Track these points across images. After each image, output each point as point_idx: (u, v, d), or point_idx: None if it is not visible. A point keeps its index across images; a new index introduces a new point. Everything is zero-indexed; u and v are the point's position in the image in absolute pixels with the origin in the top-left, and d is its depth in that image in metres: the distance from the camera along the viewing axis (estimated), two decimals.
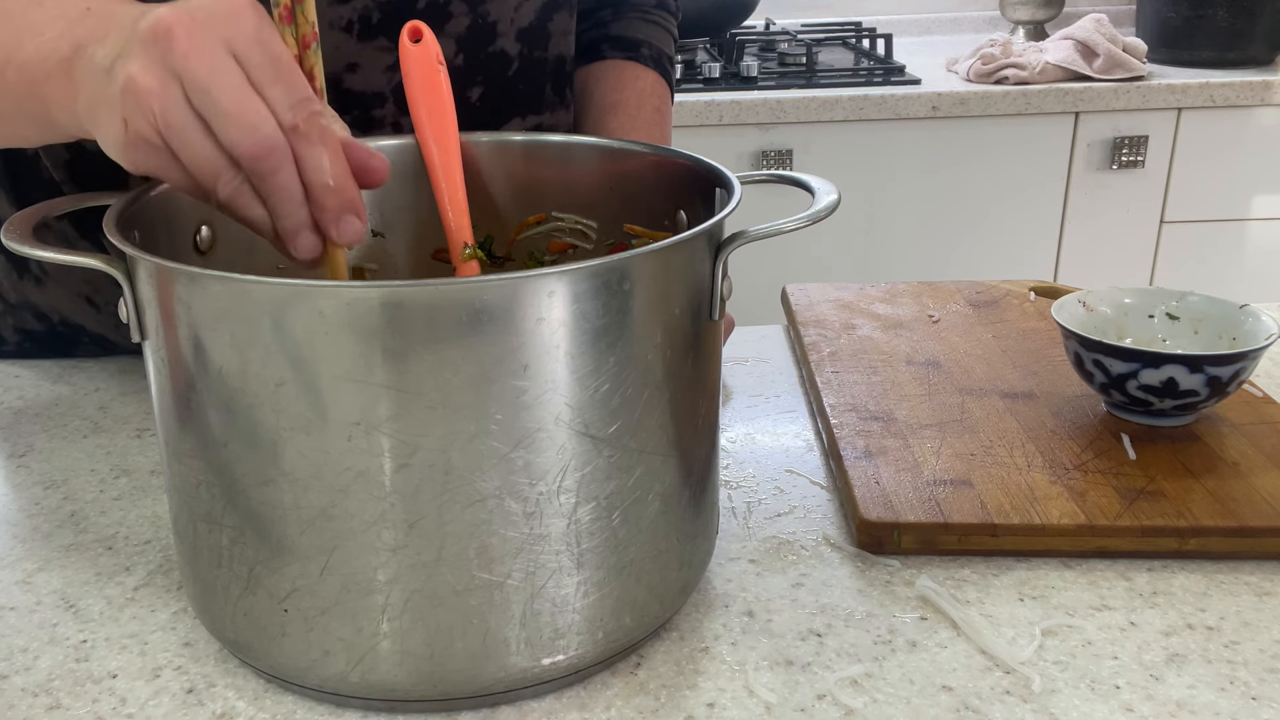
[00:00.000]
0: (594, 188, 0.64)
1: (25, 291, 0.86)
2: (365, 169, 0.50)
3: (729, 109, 1.92)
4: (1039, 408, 0.74)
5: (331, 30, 0.74)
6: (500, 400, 0.44)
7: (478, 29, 0.80)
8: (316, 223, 0.49)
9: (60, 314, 0.86)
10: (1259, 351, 0.68)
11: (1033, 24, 2.35)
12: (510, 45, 0.82)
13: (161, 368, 0.49)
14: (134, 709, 0.51)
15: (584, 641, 0.50)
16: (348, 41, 0.75)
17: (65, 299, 0.85)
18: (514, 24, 0.82)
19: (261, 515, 0.47)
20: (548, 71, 0.87)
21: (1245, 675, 0.52)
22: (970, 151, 1.99)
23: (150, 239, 0.53)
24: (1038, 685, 0.51)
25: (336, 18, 0.74)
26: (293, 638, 0.49)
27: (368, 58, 0.76)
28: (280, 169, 0.47)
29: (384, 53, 0.76)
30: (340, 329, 0.43)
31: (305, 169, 0.47)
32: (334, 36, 0.75)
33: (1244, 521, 0.60)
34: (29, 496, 0.70)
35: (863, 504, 0.63)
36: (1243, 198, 2.05)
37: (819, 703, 0.50)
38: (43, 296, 0.86)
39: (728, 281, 0.52)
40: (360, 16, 0.75)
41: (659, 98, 0.93)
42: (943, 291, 0.95)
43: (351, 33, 0.75)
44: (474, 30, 0.80)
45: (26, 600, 0.59)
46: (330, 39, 0.74)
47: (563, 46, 0.88)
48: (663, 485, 0.51)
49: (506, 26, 0.82)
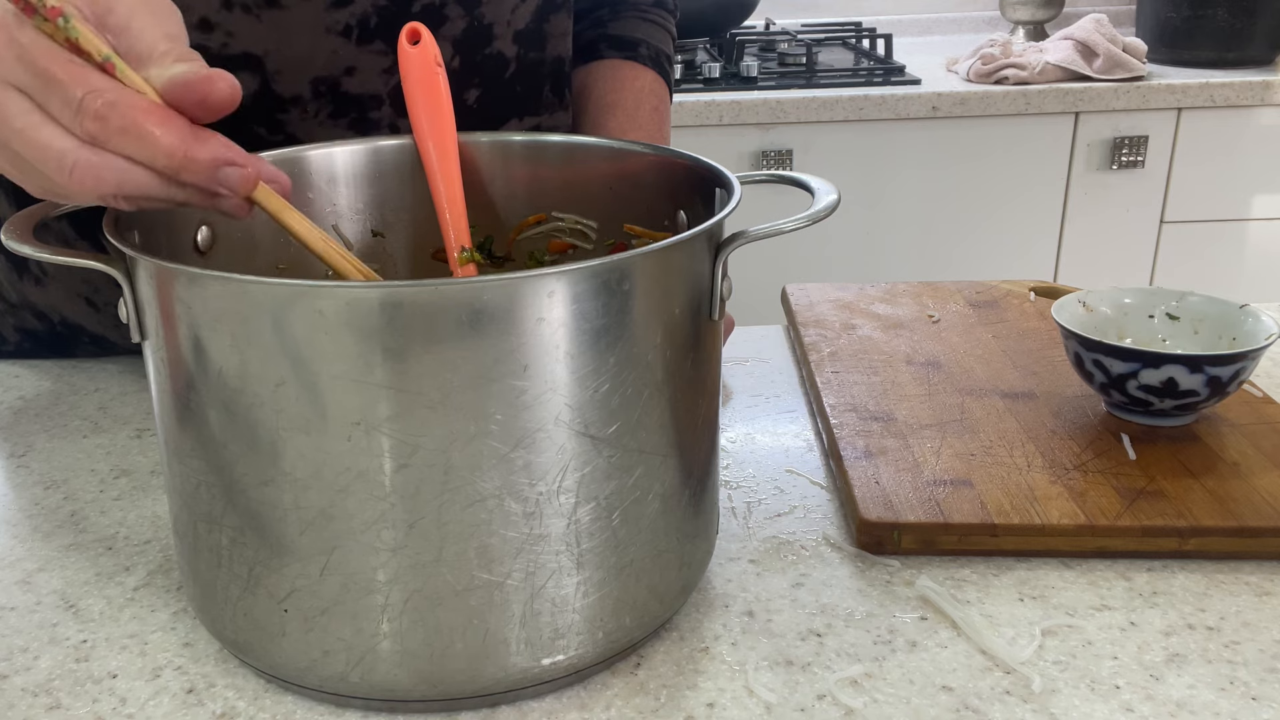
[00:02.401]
0: (594, 188, 0.64)
1: (25, 291, 0.86)
2: (204, 104, 0.44)
3: (729, 109, 1.92)
4: (1039, 408, 0.74)
5: (329, 35, 0.74)
6: (500, 400, 0.44)
7: (473, 31, 0.80)
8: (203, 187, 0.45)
9: (60, 314, 0.86)
10: (1259, 351, 0.68)
11: (1033, 24, 2.35)
12: (507, 47, 0.82)
13: (161, 368, 0.49)
14: (134, 709, 0.51)
15: (584, 641, 0.50)
16: (345, 46, 0.75)
17: (65, 299, 0.85)
18: (510, 26, 0.82)
19: (261, 515, 0.47)
20: (545, 73, 0.87)
21: (1245, 675, 0.52)
22: (970, 151, 1.99)
23: (150, 239, 0.54)
24: (1038, 685, 0.51)
25: (334, 22, 0.74)
26: (292, 638, 0.49)
27: (365, 61, 0.76)
28: (107, 178, 0.44)
29: (381, 56, 0.76)
30: (340, 329, 0.43)
31: (135, 158, 0.44)
32: (332, 41, 0.75)
33: (1244, 521, 0.60)
34: (29, 496, 0.70)
35: (863, 504, 0.63)
36: (1243, 198, 2.05)
37: (819, 703, 0.50)
38: (43, 296, 0.86)
39: (728, 281, 0.52)
40: (359, 21, 0.75)
41: (657, 97, 0.93)
42: (943, 291, 0.95)
43: (349, 37, 0.75)
44: (470, 33, 0.79)
45: (26, 600, 0.59)
46: (328, 43, 0.74)
47: (560, 48, 0.88)
48: (663, 485, 0.51)
49: (503, 29, 0.81)
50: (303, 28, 0.74)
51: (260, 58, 0.74)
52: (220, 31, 0.72)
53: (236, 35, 0.73)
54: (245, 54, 0.73)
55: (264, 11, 0.72)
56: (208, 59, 0.74)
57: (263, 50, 0.73)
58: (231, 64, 0.73)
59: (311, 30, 0.74)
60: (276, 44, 0.74)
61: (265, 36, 0.73)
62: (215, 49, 0.73)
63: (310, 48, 0.74)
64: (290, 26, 0.73)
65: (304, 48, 0.74)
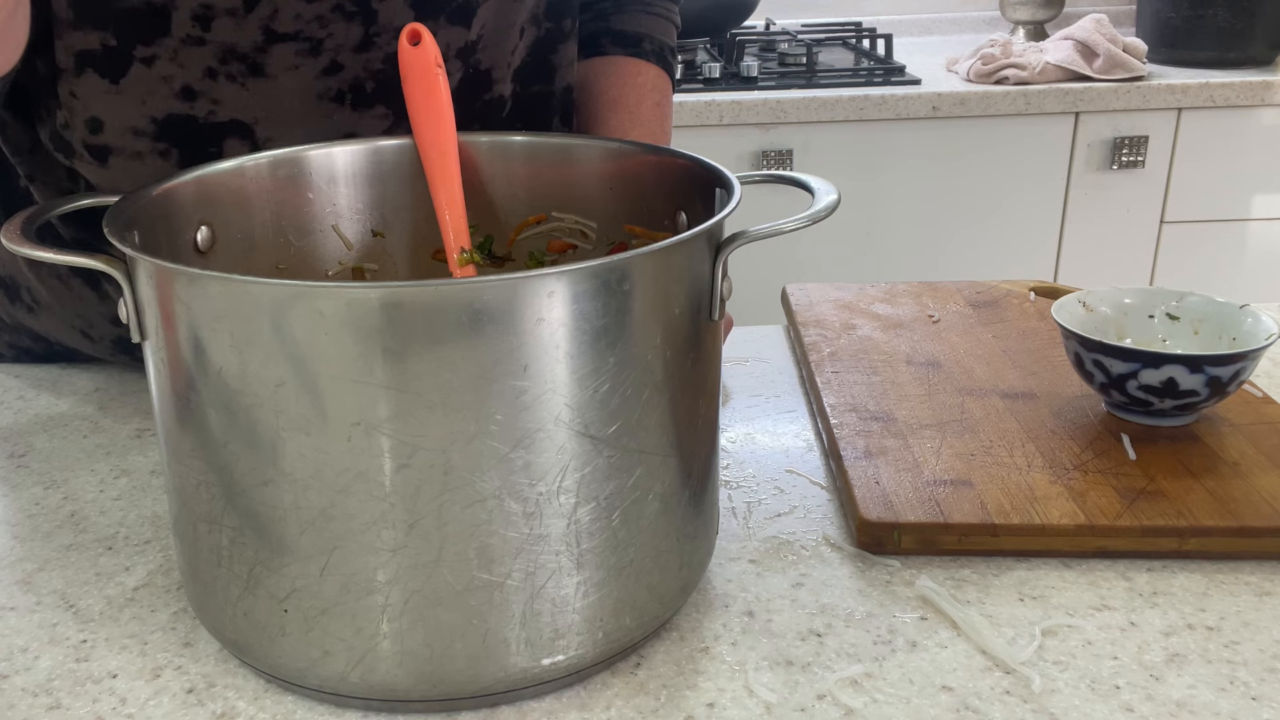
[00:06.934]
0: (594, 188, 0.64)
1: (19, 317, 0.85)
2: None
3: (729, 109, 1.92)
4: (1039, 408, 0.74)
5: (322, 101, 0.72)
6: (500, 400, 0.44)
7: (471, 80, 0.77)
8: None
9: (56, 337, 0.85)
10: (1259, 351, 0.68)
11: (1033, 24, 2.35)
12: (506, 88, 0.80)
13: (161, 368, 0.49)
14: (134, 709, 0.51)
15: (584, 641, 0.50)
16: (340, 111, 0.72)
17: (59, 328, 0.84)
18: (510, 68, 0.80)
19: (261, 515, 0.47)
20: (555, 104, 0.85)
21: (1245, 675, 0.52)
22: (970, 151, 1.99)
23: (150, 239, 0.54)
24: (1038, 685, 0.51)
25: (325, 89, 0.71)
26: (293, 638, 0.49)
27: (365, 126, 0.73)
28: None
29: (382, 120, 0.73)
30: (340, 329, 0.43)
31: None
32: (325, 107, 0.72)
33: (1244, 521, 0.60)
34: (29, 496, 0.70)
35: (863, 504, 0.63)
36: (1243, 198, 2.05)
37: (819, 703, 0.50)
38: (36, 324, 0.85)
39: (728, 281, 0.52)
40: (351, 86, 0.72)
41: (659, 92, 0.93)
42: (943, 291, 0.95)
43: (344, 103, 0.72)
44: (468, 81, 0.77)
45: (26, 600, 0.59)
46: (321, 110, 0.72)
47: (570, 76, 0.86)
48: (662, 485, 0.51)
49: (503, 72, 0.79)
50: (292, 95, 0.71)
51: (250, 126, 0.71)
52: (205, 100, 0.70)
53: (222, 103, 0.70)
54: (234, 121, 0.71)
55: (249, 80, 0.70)
56: (193, 127, 0.73)
57: (251, 118, 0.71)
58: (219, 132, 0.71)
59: (302, 97, 0.71)
60: (266, 112, 0.71)
61: (253, 104, 0.71)
62: (201, 117, 0.70)
63: (302, 114, 0.72)
64: (279, 95, 0.71)
65: (295, 115, 0.71)
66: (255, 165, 0.61)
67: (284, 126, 0.72)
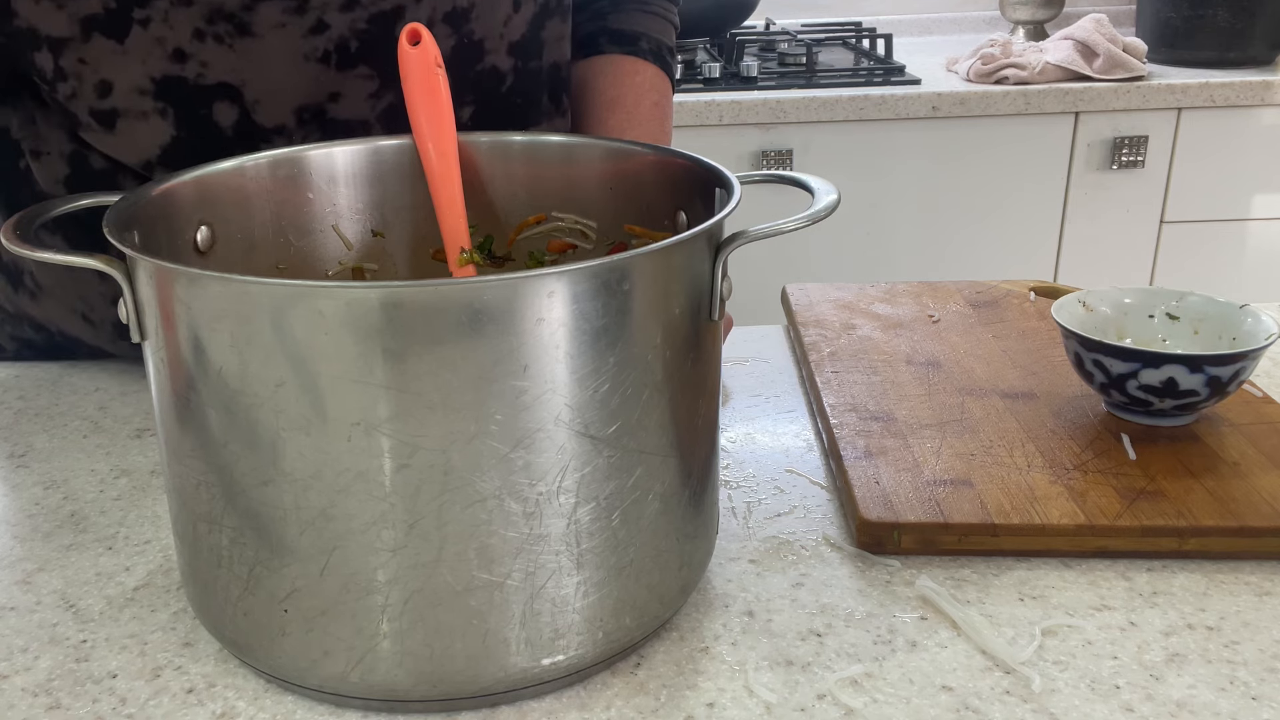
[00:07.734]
0: (594, 188, 0.64)
1: (21, 305, 0.86)
2: None
3: (729, 109, 1.92)
4: (1039, 408, 0.74)
5: (307, 62, 0.72)
6: (500, 400, 0.44)
7: (463, 49, 0.78)
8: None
9: (57, 326, 0.86)
10: (1259, 351, 0.68)
11: (1033, 24, 2.35)
12: (502, 61, 0.81)
13: (161, 368, 0.49)
14: (134, 709, 0.51)
15: (584, 641, 0.50)
16: (325, 72, 0.73)
17: (61, 314, 0.85)
18: (504, 39, 0.80)
19: (261, 515, 0.47)
20: (543, 81, 0.85)
21: (1245, 675, 0.52)
22: (970, 151, 1.99)
23: (150, 239, 0.54)
24: (1038, 685, 0.51)
25: (311, 49, 0.72)
26: (292, 638, 0.49)
27: (350, 87, 0.74)
28: None
29: (367, 80, 0.74)
30: (340, 329, 0.43)
31: None
32: (311, 68, 0.73)
33: (1244, 521, 0.60)
34: (29, 496, 0.70)
35: (863, 504, 0.63)
36: (1243, 198, 2.05)
37: (819, 703, 0.50)
38: (39, 310, 0.85)
39: (728, 281, 0.52)
40: (337, 46, 0.73)
41: (658, 92, 0.93)
42: (943, 291, 0.95)
43: (329, 63, 0.73)
44: (460, 50, 0.78)
45: (26, 600, 0.59)
46: (307, 71, 0.73)
47: (557, 53, 0.86)
48: (662, 485, 0.51)
49: (496, 43, 0.80)
50: (279, 56, 0.72)
51: (238, 88, 0.72)
52: (194, 61, 0.71)
53: (211, 65, 0.71)
54: (222, 84, 0.72)
55: (237, 41, 0.71)
56: (183, 89, 0.74)
57: (239, 80, 0.72)
58: (208, 94, 0.72)
59: (288, 58, 0.72)
60: (253, 73, 0.72)
61: (240, 66, 0.72)
62: (191, 79, 0.71)
63: (289, 76, 0.73)
64: (265, 55, 0.72)
65: (282, 76, 0.72)
66: (255, 165, 0.61)
67: (271, 88, 0.73)
